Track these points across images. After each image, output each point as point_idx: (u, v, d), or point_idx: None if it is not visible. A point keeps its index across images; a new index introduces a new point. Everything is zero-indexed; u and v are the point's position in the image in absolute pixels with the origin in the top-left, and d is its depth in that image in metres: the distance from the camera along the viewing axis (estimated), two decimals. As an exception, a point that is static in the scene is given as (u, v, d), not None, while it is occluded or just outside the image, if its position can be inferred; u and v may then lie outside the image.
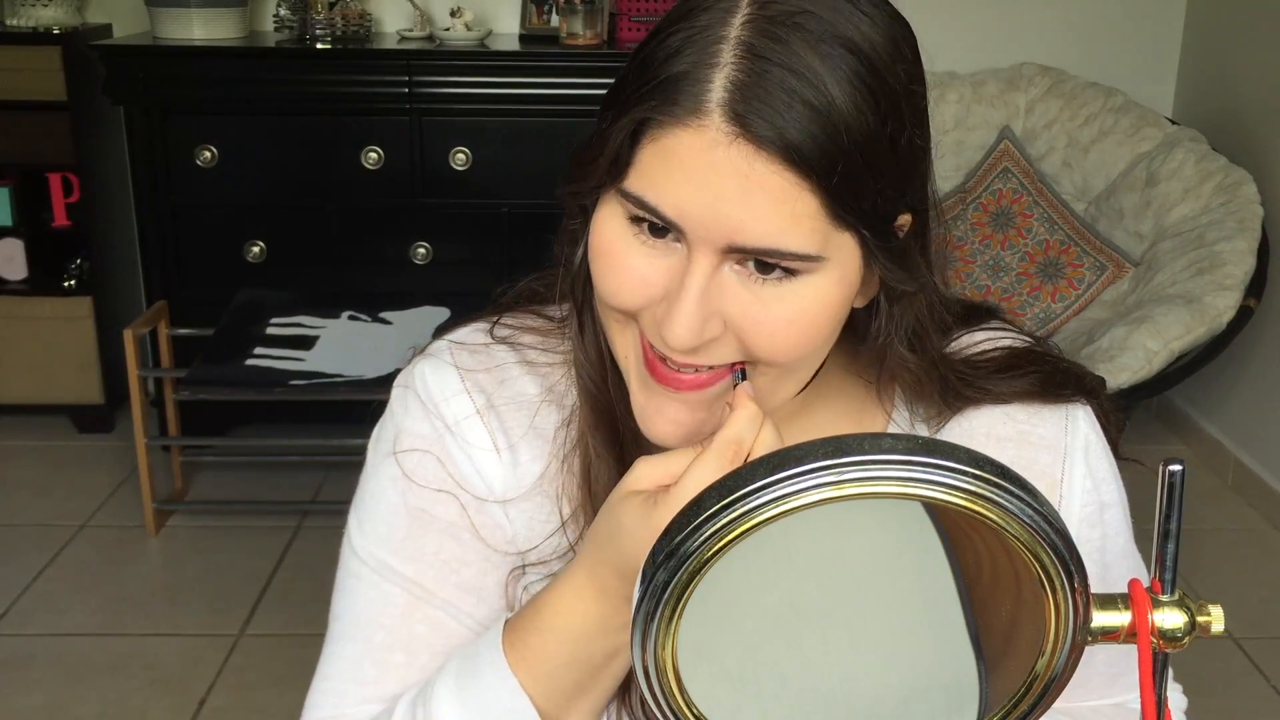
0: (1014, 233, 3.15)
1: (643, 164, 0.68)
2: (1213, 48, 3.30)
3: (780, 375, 0.72)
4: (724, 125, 0.65)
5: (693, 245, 0.68)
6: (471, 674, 0.76)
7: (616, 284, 0.71)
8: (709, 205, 0.66)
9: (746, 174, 0.65)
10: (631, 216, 0.69)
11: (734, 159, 0.65)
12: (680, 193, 0.66)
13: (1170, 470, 0.60)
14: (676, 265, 0.69)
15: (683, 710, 0.60)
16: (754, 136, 0.65)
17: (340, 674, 0.82)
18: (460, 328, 0.87)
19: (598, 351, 0.80)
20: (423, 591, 0.82)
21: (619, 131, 0.68)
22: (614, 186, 0.70)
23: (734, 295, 0.69)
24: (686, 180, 0.66)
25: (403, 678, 0.81)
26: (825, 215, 0.66)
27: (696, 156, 0.66)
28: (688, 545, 0.55)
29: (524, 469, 0.82)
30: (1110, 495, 0.86)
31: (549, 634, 0.74)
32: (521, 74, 2.99)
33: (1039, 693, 0.60)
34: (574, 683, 0.75)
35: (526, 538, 0.82)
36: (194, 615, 2.48)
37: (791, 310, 0.69)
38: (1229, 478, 3.09)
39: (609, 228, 0.71)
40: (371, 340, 2.69)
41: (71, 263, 3.22)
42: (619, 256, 0.70)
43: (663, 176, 0.67)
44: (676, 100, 0.66)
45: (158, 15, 3.02)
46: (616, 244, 0.70)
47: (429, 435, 0.82)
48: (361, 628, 0.82)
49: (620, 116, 0.69)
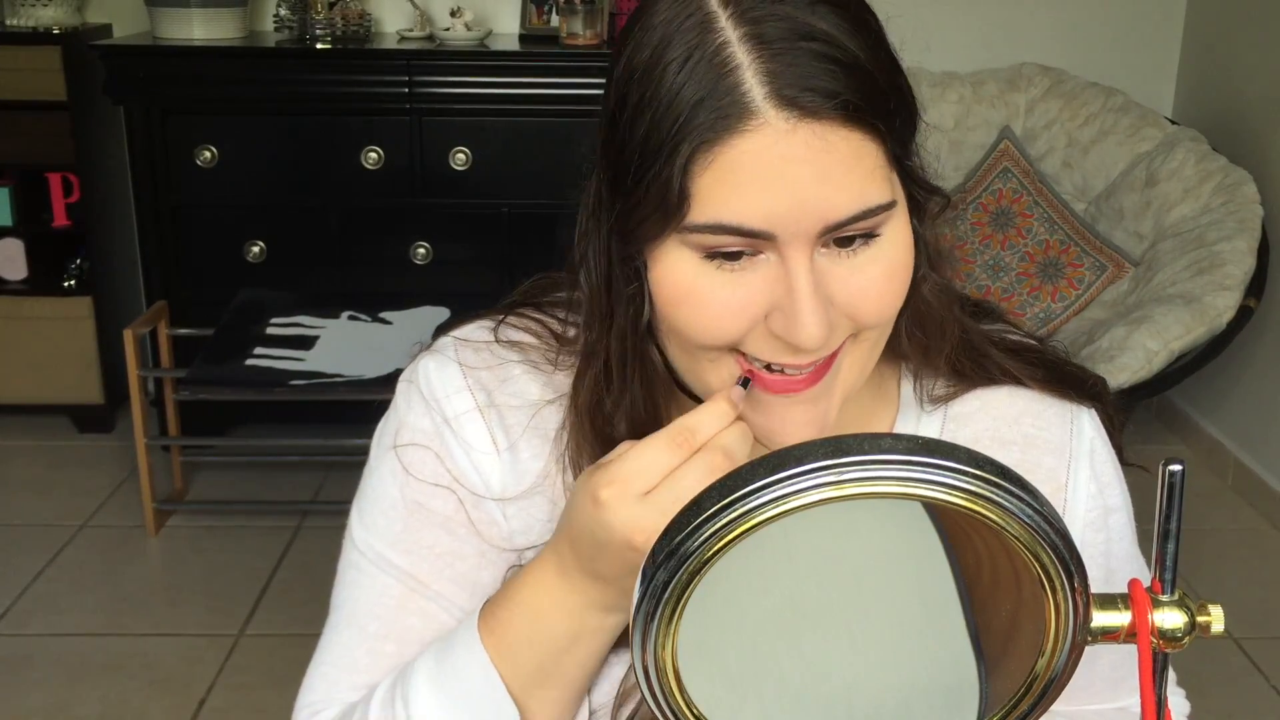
0: (1014, 233, 3.15)
1: (704, 193, 0.66)
2: (1213, 48, 3.30)
3: (879, 338, 0.74)
4: (780, 114, 0.64)
5: (786, 245, 0.67)
6: (448, 652, 0.77)
7: (711, 319, 0.69)
8: (793, 197, 0.65)
9: (820, 150, 0.65)
10: (707, 253, 0.68)
11: (805, 140, 0.65)
12: (762, 199, 0.65)
13: (1170, 470, 0.60)
14: (771, 275, 0.68)
15: (683, 710, 0.60)
16: (814, 112, 0.64)
17: (334, 660, 0.84)
18: (466, 324, 0.87)
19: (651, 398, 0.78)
20: (417, 584, 0.82)
21: (670, 176, 0.66)
22: (674, 230, 0.68)
23: (834, 276, 0.68)
24: (763, 185, 0.65)
25: (393, 666, 0.82)
26: (886, 159, 0.67)
27: (766, 156, 0.65)
28: (688, 545, 0.55)
29: (523, 467, 0.82)
30: (1115, 500, 0.86)
31: (514, 607, 0.75)
32: (521, 74, 2.99)
33: (1039, 693, 0.60)
34: (535, 663, 0.75)
35: (524, 536, 0.83)
36: (194, 615, 2.48)
37: (884, 265, 0.69)
38: (1229, 478, 3.09)
39: (680, 272, 0.69)
40: (371, 340, 2.69)
41: (71, 263, 3.22)
42: (705, 294, 0.69)
43: (734, 194, 0.65)
44: (721, 115, 0.65)
45: (158, 15, 3.02)
46: (698, 284, 0.69)
47: (429, 430, 0.83)
48: (357, 617, 0.84)
49: (664, 162, 0.66)
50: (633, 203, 0.69)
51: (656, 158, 0.67)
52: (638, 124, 0.68)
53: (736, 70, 0.65)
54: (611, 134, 0.71)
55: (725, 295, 0.68)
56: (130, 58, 2.95)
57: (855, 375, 0.74)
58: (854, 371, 0.74)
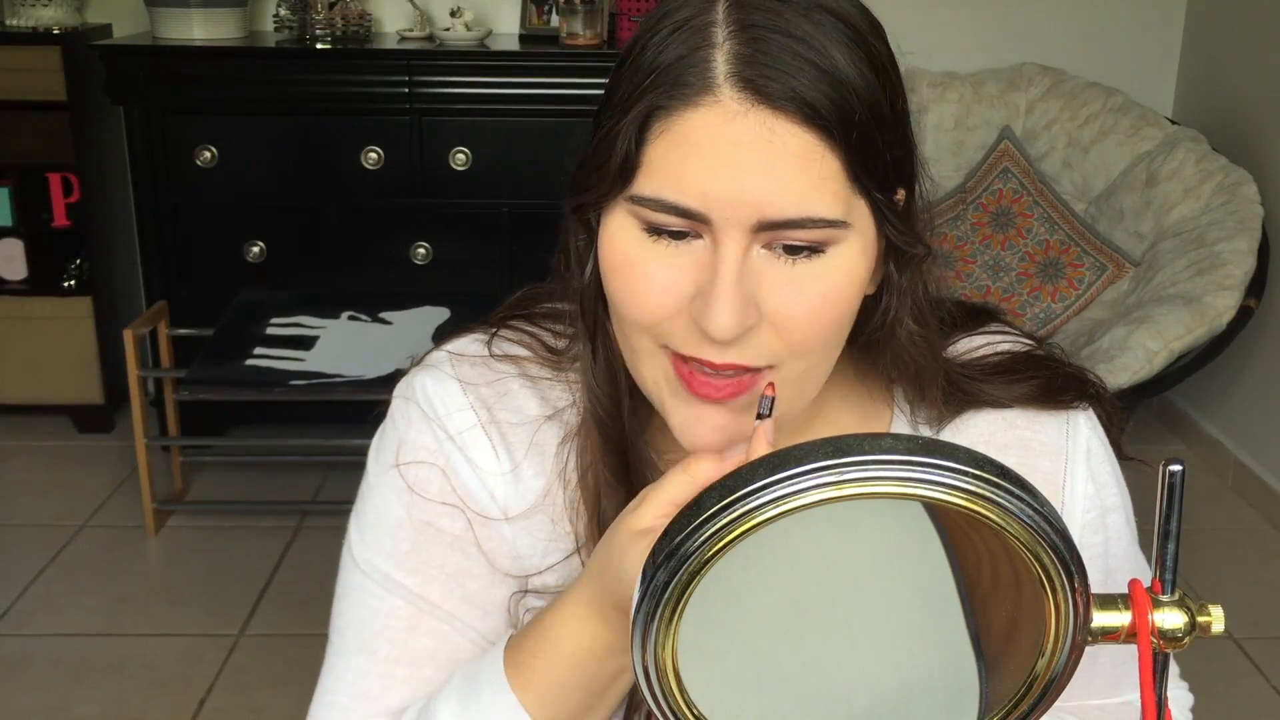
0: (1014, 233, 3.15)
1: (654, 161, 0.66)
2: (1213, 48, 3.30)
3: (808, 370, 0.71)
4: (736, 95, 0.64)
5: (719, 230, 0.66)
6: (473, 694, 0.75)
7: (640, 295, 0.69)
8: (733, 182, 0.64)
9: (768, 139, 0.64)
10: (647, 226, 0.68)
11: (753, 127, 0.64)
12: (702, 178, 0.65)
13: (1170, 470, 0.60)
14: (702, 259, 0.67)
15: (683, 710, 0.60)
16: (770, 100, 0.64)
17: (344, 688, 0.82)
18: (457, 338, 0.85)
19: (611, 380, 0.78)
20: (427, 605, 0.81)
21: (623, 133, 0.67)
22: (622, 195, 0.68)
23: (767, 279, 0.67)
24: (705, 163, 0.64)
25: (407, 691, 0.80)
26: (846, 178, 0.66)
27: (713, 134, 0.64)
28: (688, 545, 0.55)
29: (526, 485, 0.81)
30: (1113, 500, 0.85)
31: (554, 658, 0.73)
32: (521, 74, 2.99)
33: (1039, 693, 0.60)
34: (581, 703, 0.74)
35: (529, 554, 0.82)
36: (194, 615, 2.48)
37: (824, 286, 0.67)
38: (1229, 478, 3.09)
39: (621, 241, 0.69)
40: (371, 340, 2.69)
41: (71, 263, 3.22)
42: (638, 267, 0.68)
43: (678, 166, 0.65)
44: (681, 84, 0.65)
45: (158, 15, 3.02)
46: (633, 255, 0.68)
47: (432, 447, 0.81)
48: (365, 641, 0.82)
49: (621, 117, 0.67)
50: (590, 154, 0.70)
51: (619, 114, 0.67)
52: (618, 80, 0.69)
53: (710, 47, 0.65)
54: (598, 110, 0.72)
55: (656, 271, 0.68)
56: (130, 58, 2.95)
57: (791, 399, 0.71)
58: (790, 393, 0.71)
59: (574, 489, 0.81)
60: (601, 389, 0.78)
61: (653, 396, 0.73)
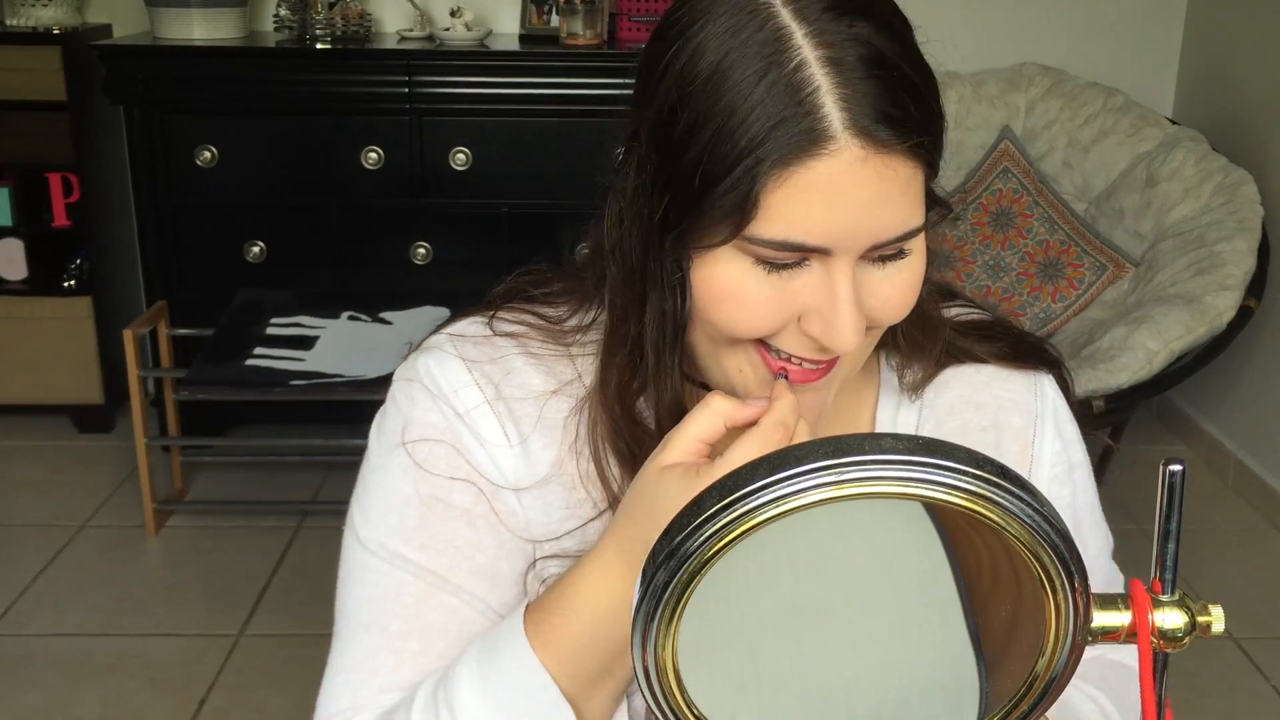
0: (1014, 233, 3.15)
1: (774, 207, 0.68)
2: (1213, 48, 3.30)
3: (878, 335, 0.78)
4: (855, 143, 0.68)
5: (835, 257, 0.70)
6: (492, 657, 0.76)
7: (751, 319, 0.72)
8: (852, 219, 0.69)
9: (881, 176, 0.68)
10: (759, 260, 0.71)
11: (871, 170, 0.68)
12: (825, 219, 0.69)
13: (1170, 470, 0.60)
14: (814, 281, 0.71)
15: (683, 710, 0.60)
16: (884, 145, 0.68)
17: (356, 665, 0.82)
18: (457, 322, 0.87)
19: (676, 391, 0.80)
20: (436, 579, 0.81)
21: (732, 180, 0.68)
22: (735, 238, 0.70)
23: (867, 286, 0.72)
24: (828, 206, 0.68)
25: (419, 665, 0.81)
26: (927, 181, 0.72)
27: (835, 180, 0.68)
28: (688, 545, 0.55)
29: (535, 457, 0.82)
30: (1077, 456, 0.92)
31: (573, 614, 0.74)
32: (521, 74, 2.99)
33: (1039, 693, 0.60)
34: (599, 663, 0.75)
35: (541, 525, 0.83)
36: (194, 615, 2.48)
37: (908, 274, 0.74)
38: (1229, 478, 3.09)
39: (729, 274, 0.72)
40: (371, 340, 2.69)
41: (71, 263, 3.22)
42: (749, 295, 0.72)
43: (802, 211, 0.68)
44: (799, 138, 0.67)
45: (158, 15, 3.02)
46: (745, 286, 0.72)
47: (440, 424, 0.82)
48: (376, 618, 0.82)
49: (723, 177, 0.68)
50: (697, 212, 0.71)
51: (727, 171, 0.69)
52: (701, 131, 0.70)
53: (816, 93, 0.67)
54: (664, 133, 0.72)
55: (768, 296, 0.72)
56: (130, 58, 2.95)
57: (853, 365, 0.79)
58: (853, 361, 0.78)
59: (586, 459, 0.82)
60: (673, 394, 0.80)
61: (732, 384, 0.77)
